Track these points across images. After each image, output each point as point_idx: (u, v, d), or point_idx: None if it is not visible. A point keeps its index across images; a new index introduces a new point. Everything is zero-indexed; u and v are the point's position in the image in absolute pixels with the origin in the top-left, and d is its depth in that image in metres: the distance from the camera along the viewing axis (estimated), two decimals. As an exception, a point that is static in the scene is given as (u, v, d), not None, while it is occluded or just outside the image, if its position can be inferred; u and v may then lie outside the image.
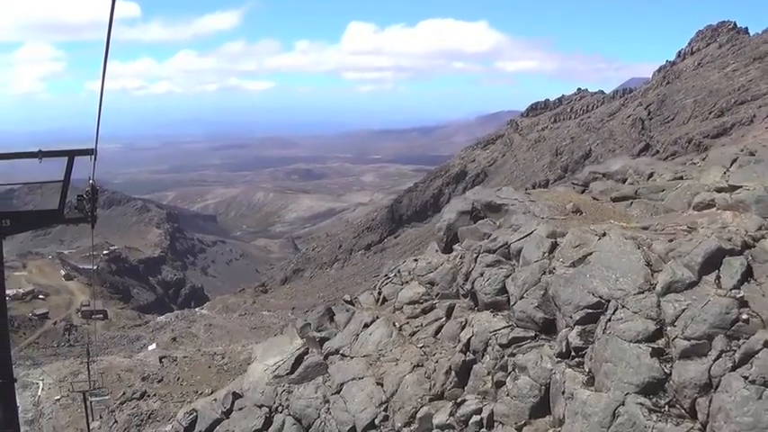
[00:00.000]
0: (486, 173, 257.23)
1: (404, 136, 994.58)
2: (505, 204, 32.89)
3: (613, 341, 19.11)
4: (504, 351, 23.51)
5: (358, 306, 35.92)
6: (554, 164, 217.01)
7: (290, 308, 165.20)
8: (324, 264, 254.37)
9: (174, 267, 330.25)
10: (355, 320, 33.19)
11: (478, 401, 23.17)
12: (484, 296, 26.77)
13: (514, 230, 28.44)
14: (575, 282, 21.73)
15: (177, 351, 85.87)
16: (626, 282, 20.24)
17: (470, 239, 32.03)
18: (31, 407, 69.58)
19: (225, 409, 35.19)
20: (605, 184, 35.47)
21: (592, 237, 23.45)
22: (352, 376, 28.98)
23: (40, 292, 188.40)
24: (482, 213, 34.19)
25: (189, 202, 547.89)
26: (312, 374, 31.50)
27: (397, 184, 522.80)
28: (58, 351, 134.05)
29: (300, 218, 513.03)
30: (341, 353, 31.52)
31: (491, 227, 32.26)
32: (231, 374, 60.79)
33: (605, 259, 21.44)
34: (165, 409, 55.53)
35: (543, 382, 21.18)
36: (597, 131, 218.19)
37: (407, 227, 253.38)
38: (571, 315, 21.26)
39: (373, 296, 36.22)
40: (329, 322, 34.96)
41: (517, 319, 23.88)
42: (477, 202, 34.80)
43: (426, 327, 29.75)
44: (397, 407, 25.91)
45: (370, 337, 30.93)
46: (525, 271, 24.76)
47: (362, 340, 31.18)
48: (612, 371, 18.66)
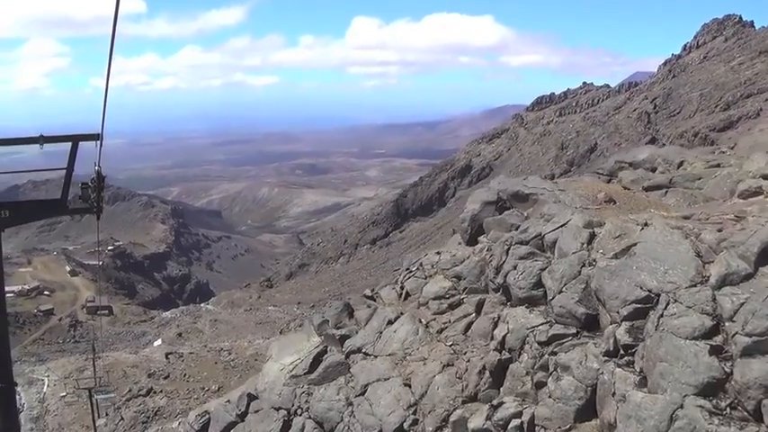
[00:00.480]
0: (491, 167, 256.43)
1: (408, 130, 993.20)
2: (533, 194, 31.12)
3: (667, 338, 17.60)
4: (543, 349, 21.91)
5: (379, 302, 34.10)
6: (560, 158, 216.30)
7: (296, 303, 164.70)
8: (329, 258, 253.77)
9: (179, 263, 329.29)
10: (378, 317, 31.46)
11: (518, 404, 21.56)
12: (518, 291, 25.07)
13: (547, 221, 26.73)
14: (620, 274, 20.11)
15: (183, 347, 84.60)
16: (676, 274, 18.76)
17: (497, 231, 30.26)
18: (36, 404, 68.81)
19: (240, 411, 33.68)
20: (635, 174, 33.63)
21: (633, 227, 21.91)
22: (378, 377, 27.46)
23: (45, 289, 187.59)
24: (508, 204, 32.31)
25: (193, 198, 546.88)
26: (333, 375, 29.89)
27: (401, 179, 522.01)
28: (63, 347, 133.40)
29: (305, 213, 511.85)
30: (364, 351, 29.95)
31: (519, 217, 30.43)
32: (238, 370, 59.75)
33: (652, 250, 19.90)
34: (171, 406, 54.44)
35: (589, 383, 19.59)
36: (603, 125, 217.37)
37: (413, 221, 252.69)
38: (618, 310, 19.65)
39: (395, 291, 34.29)
40: (348, 318, 33.43)
41: (556, 315, 22.29)
42: (502, 191, 32.90)
43: (455, 323, 28.08)
44: (428, 410, 24.30)
45: (395, 334, 29.30)
46: (563, 263, 23.16)
47: (387, 338, 29.59)
48: (668, 371, 17.16)
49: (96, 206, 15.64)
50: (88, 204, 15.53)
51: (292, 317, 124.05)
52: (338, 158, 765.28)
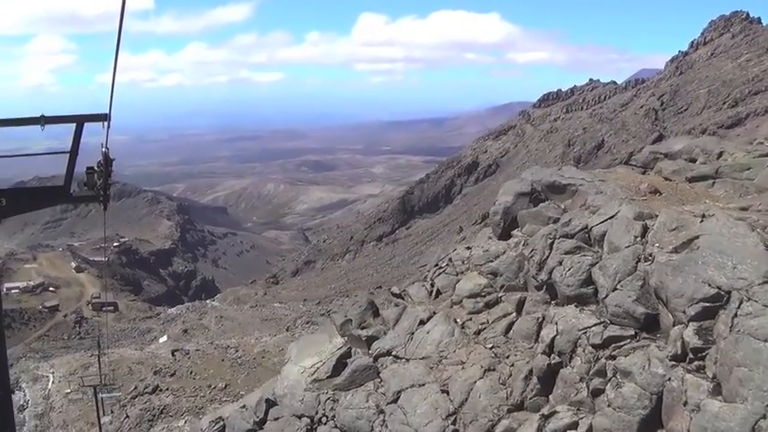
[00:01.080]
0: (497, 164, 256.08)
1: (414, 127, 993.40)
2: (571, 185, 29.14)
3: (745, 340, 15.60)
4: (598, 353, 19.90)
5: (408, 300, 31.60)
6: (566, 154, 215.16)
7: (302, 300, 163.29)
8: (335, 255, 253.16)
9: (185, 259, 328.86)
10: (408, 317, 29.09)
11: (572, 414, 19.48)
12: (565, 288, 23.04)
13: (592, 212, 24.77)
14: (684, 270, 18.08)
15: (189, 344, 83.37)
16: (746, 269, 16.81)
17: (533, 224, 28.62)
18: (41, 400, 68.01)
19: (257, 418, 31.73)
20: (675, 164, 31.54)
21: (691, 218, 19.98)
22: (411, 382, 25.15)
23: (50, 285, 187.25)
24: (543, 195, 30.40)
25: (199, 194, 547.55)
26: (361, 379, 27.70)
27: (407, 176, 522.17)
28: (68, 343, 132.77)
29: (311, 209, 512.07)
30: (394, 354, 27.70)
31: (556, 210, 28.57)
32: (245, 368, 58.38)
33: (716, 243, 17.94)
34: (177, 404, 53.10)
35: (654, 391, 17.53)
36: (610, 122, 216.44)
37: (419, 218, 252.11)
38: (684, 309, 17.66)
39: (425, 288, 31.74)
40: (373, 318, 31.16)
41: (611, 315, 20.25)
42: (536, 182, 30.87)
43: (494, 324, 25.95)
44: (469, 419, 22.13)
45: (428, 335, 27.04)
46: (616, 258, 21.16)
47: (419, 339, 27.35)
48: (748, 377, 15.14)
49: (103, 194, 13.86)
50: (94, 192, 13.77)
51: (299, 314, 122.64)
52: (344, 155, 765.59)
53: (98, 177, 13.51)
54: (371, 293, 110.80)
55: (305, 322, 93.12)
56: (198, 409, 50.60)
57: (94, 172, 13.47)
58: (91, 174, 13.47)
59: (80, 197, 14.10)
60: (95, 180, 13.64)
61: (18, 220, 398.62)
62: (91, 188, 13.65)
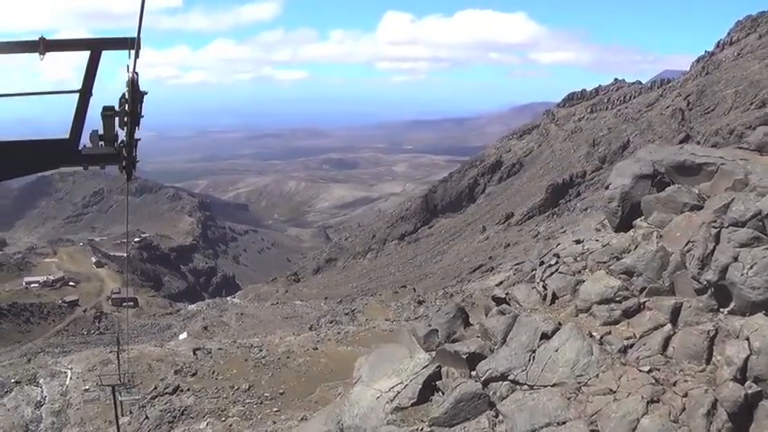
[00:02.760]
0: (521, 163, 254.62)
1: (437, 126, 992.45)
2: (709, 164, 23.95)
3: None
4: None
5: (514, 305, 25.50)
6: (591, 155, 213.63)
7: (323, 298, 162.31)
8: (357, 253, 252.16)
9: (206, 256, 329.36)
10: (524, 328, 22.69)
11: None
12: (749, 292, 18.63)
13: (760, 195, 20.59)
14: None
15: (211, 342, 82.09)
16: None
17: (662, 212, 23.60)
18: (58, 396, 66.54)
19: (323, 457, 25.85)
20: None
21: None
22: (547, 419, 19.33)
23: (70, 279, 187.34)
24: (667, 178, 25.15)
25: (221, 191, 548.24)
26: (469, 412, 21.66)
27: (429, 175, 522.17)
28: (87, 339, 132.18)
29: (332, 207, 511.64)
30: (512, 379, 21.30)
31: (690, 195, 23.43)
32: (270, 368, 56.85)
33: None
34: (199, 405, 51.69)
35: None
36: (635, 122, 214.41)
37: (442, 217, 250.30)
38: None
39: (537, 291, 25.55)
40: (463, 328, 26.07)
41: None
42: (658, 162, 25.39)
43: (643, 338, 20.40)
44: (640, 471, 17.34)
45: (558, 354, 20.92)
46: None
47: (544, 359, 21.19)
48: None
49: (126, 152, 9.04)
50: (113, 148, 8.96)
51: (321, 312, 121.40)
52: (366, 154, 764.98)
53: (121, 124, 8.72)
54: (396, 292, 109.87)
55: (329, 321, 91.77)
56: (220, 411, 49.31)
57: (115, 114, 8.69)
58: (109, 117, 8.74)
59: (92, 156, 8.92)
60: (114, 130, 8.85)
61: (39, 215, 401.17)
62: (109, 142, 8.91)
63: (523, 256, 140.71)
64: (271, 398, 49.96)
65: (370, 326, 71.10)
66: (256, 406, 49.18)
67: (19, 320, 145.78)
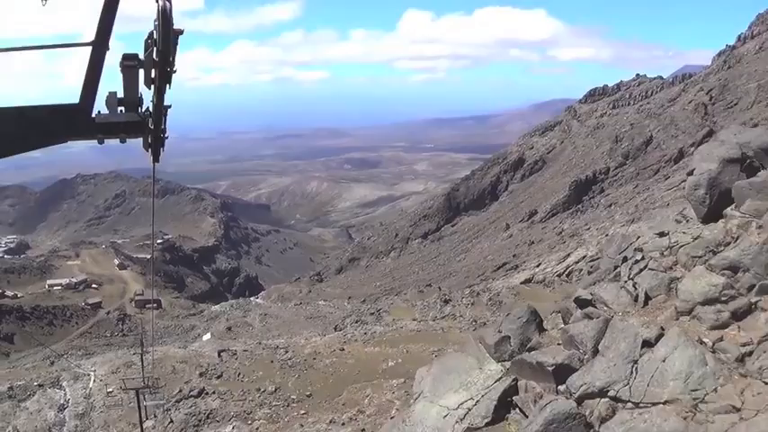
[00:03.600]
0: (544, 160, 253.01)
1: (457, 124, 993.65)
2: None
3: None
4: None
5: (601, 308, 21.31)
6: (614, 151, 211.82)
7: (347, 297, 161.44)
8: (380, 253, 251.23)
9: (229, 256, 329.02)
10: (620, 335, 18.67)
11: None
12: None
13: None
14: None
15: (236, 343, 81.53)
16: None
17: (756, 200, 20.13)
18: (81, 399, 66.23)
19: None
20: None
21: None
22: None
23: (93, 282, 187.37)
24: (757, 161, 21.50)
25: (243, 192, 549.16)
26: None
27: (450, 173, 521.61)
28: (111, 341, 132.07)
29: (354, 207, 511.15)
30: (612, 395, 17.41)
31: None
32: (296, 370, 55.94)
33: None
34: (224, 409, 50.78)
35: None
36: (658, 117, 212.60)
37: (464, 215, 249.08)
38: None
39: (626, 291, 21.23)
40: (538, 334, 22.72)
41: None
42: (745, 145, 21.81)
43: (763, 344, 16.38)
44: None
45: (666, 365, 16.93)
46: None
47: (649, 371, 17.21)
48: None
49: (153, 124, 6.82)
50: (137, 116, 6.63)
51: (345, 312, 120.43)
52: (387, 153, 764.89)
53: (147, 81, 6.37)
54: (421, 291, 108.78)
55: (354, 321, 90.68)
56: (246, 414, 48.36)
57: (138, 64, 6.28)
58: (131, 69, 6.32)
59: (108, 126, 6.62)
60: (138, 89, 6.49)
61: (61, 218, 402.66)
62: (131, 106, 6.56)
63: (547, 254, 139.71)
64: (297, 400, 48.96)
65: (396, 326, 70.02)
66: (283, 408, 48.22)
67: (42, 323, 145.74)
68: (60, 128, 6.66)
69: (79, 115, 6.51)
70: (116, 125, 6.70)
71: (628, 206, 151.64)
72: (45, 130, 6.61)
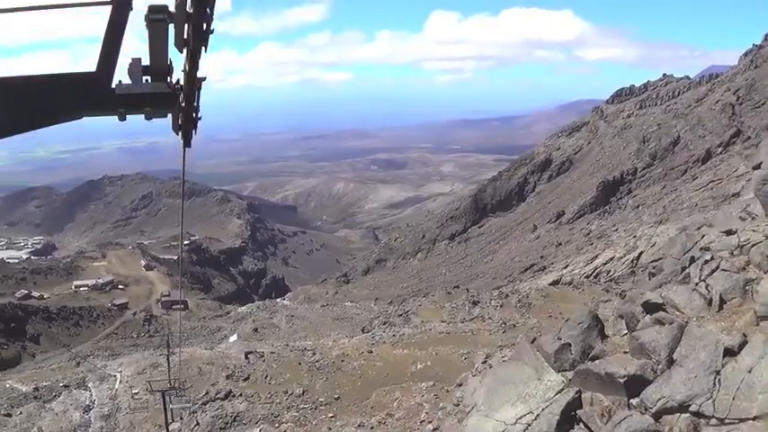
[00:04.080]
0: (571, 161, 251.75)
1: (484, 125, 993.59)
2: None
3: None
4: None
5: (673, 313, 19.34)
6: (641, 151, 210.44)
7: (373, 299, 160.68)
8: (407, 254, 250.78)
9: (255, 258, 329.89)
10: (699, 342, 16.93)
11: None
12: None
13: None
14: None
15: (264, 345, 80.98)
16: None
17: None
18: (107, 400, 65.90)
19: None
20: None
21: None
22: None
23: (119, 283, 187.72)
24: None
25: (269, 193, 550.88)
26: None
27: (477, 174, 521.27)
28: (137, 342, 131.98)
29: (380, 208, 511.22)
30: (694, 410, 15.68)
31: None
32: (324, 372, 55.27)
33: None
34: (251, 411, 50.15)
35: None
36: (685, 117, 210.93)
37: (491, 216, 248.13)
38: None
39: (699, 295, 19.36)
40: (600, 341, 20.78)
41: None
42: None
43: None
44: None
45: (752, 376, 15.19)
46: None
47: (734, 383, 15.48)
48: None
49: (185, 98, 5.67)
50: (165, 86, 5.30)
51: (373, 314, 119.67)
52: (413, 154, 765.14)
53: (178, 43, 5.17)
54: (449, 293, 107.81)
55: (382, 323, 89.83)
56: (274, 417, 47.72)
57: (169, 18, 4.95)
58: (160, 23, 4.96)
59: (130, 98, 5.31)
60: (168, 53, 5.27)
61: (88, 219, 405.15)
62: (158, 74, 5.31)
63: (575, 255, 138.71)
64: (325, 403, 48.26)
65: (425, 328, 69.17)
66: (311, 411, 47.53)
67: (68, 324, 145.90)
68: (74, 101, 5.32)
69: (96, 86, 5.19)
70: (140, 97, 5.37)
71: (655, 207, 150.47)
72: (55, 104, 5.27)
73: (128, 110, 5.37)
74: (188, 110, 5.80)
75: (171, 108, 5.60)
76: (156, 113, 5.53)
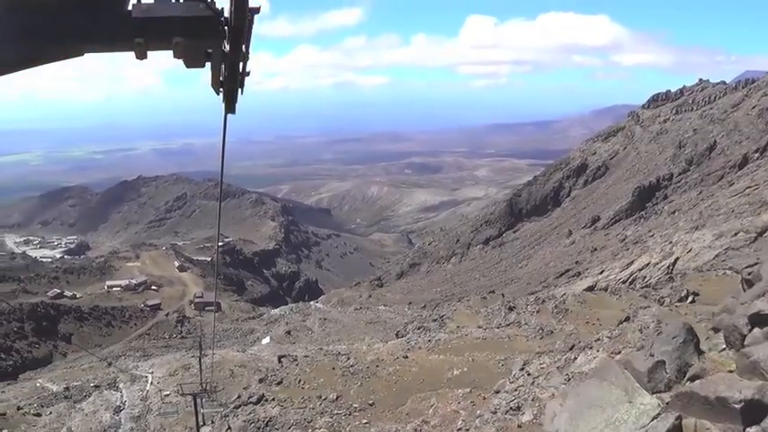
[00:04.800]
0: (606, 166, 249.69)
1: (518, 130, 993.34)
2: None
3: None
4: None
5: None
6: (677, 156, 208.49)
7: (407, 303, 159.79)
8: (441, 258, 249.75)
9: (289, 260, 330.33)
10: None
11: None
12: None
13: None
14: None
15: (297, 349, 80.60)
16: None
17: None
18: (138, 402, 65.83)
19: None
20: None
21: None
22: None
23: (152, 283, 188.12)
24: None
25: (303, 196, 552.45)
26: None
27: (511, 179, 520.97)
28: (169, 343, 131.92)
29: (414, 212, 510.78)
30: None
31: None
32: (358, 378, 54.11)
33: None
34: (284, 417, 49.13)
35: None
36: (721, 123, 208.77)
37: (527, 221, 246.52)
38: None
39: None
40: (696, 356, 17.85)
41: None
42: None
43: None
44: None
45: None
46: None
47: None
48: None
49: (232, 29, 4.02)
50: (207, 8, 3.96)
51: (407, 318, 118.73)
52: (448, 158, 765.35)
53: None
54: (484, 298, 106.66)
55: (416, 327, 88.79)
56: (307, 423, 46.77)
57: None
58: None
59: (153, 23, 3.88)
60: None
61: (122, 219, 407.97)
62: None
63: (610, 261, 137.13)
64: (360, 409, 47.18)
65: (461, 333, 67.99)
66: (344, 417, 46.48)
67: (100, 324, 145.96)
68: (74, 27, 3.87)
69: (106, 6, 3.86)
70: (167, 23, 3.93)
71: (692, 213, 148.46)
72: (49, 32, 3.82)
73: (149, 40, 3.98)
74: (234, 56, 4.23)
75: (210, 39, 4.07)
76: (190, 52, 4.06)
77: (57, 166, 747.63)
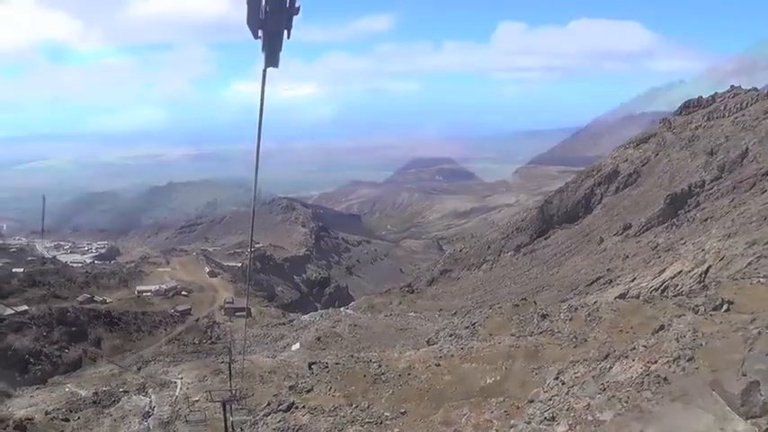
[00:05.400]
0: (638, 173, 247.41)
1: (549, 136, 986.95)
2: None
3: None
4: None
5: None
6: (709, 164, 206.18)
7: (437, 310, 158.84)
8: (471, 265, 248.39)
9: (319, 266, 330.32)
10: None
11: None
12: None
13: None
14: None
15: (327, 355, 79.97)
16: None
17: None
18: (167, 407, 65.43)
19: None
20: None
21: None
22: None
23: (182, 289, 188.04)
24: None
25: (334, 202, 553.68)
26: None
27: (542, 186, 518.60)
28: (199, 348, 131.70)
29: (445, 218, 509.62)
30: None
31: None
32: (390, 386, 53.61)
33: None
34: (314, 425, 48.71)
35: None
36: (753, 129, 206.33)
37: (558, 228, 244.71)
38: None
39: None
40: None
41: None
42: None
43: None
44: None
45: None
46: None
47: None
48: None
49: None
50: None
51: (438, 325, 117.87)
52: (478, 164, 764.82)
53: None
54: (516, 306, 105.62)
55: (448, 335, 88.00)
56: (338, 431, 46.18)
57: None
58: None
59: None
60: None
61: (153, 225, 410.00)
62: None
63: (642, 268, 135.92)
64: (391, 417, 46.58)
65: (494, 341, 67.12)
66: (376, 426, 45.93)
67: (130, 329, 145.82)
68: None
69: None
70: None
71: (724, 220, 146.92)
72: None
73: None
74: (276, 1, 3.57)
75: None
76: None
77: (88, 172, 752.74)
